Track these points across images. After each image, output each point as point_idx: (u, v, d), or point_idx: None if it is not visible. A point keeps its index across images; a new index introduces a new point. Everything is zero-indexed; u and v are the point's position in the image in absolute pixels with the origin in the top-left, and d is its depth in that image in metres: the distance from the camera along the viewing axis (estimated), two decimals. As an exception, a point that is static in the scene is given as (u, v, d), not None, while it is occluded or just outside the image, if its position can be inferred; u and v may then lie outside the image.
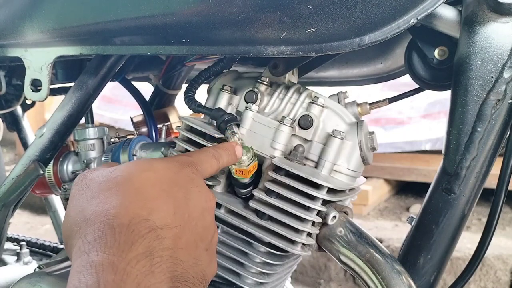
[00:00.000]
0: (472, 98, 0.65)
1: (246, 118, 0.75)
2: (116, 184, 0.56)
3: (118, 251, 0.49)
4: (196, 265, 0.56)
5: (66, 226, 0.56)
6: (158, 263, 0.51)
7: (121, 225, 0.51)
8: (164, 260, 0.51)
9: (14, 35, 0.79)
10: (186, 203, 0.58)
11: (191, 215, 0.58)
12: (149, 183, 0.57)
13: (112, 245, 0.50)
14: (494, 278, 2.23)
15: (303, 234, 0.73)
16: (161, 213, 0.54)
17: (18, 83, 1.25)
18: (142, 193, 0.55)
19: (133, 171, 0.58)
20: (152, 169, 0.59)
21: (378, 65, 1.05)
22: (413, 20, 0.59)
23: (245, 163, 0.70)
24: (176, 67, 1.21)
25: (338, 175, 0.74)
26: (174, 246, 0.54)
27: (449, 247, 0.73)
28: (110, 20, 0.70)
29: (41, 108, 3.80)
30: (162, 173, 0.59)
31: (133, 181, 0.56)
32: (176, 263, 0.53)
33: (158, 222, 0.53)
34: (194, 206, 0.59)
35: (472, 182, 0.69)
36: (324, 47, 0.61)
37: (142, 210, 0.53)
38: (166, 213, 0.55)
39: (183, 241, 0.55)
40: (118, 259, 0.49)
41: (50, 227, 1.91)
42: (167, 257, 0.52)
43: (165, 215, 0.55)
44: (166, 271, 0.51)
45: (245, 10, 0.62)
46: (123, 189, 0.55)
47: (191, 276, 0.54)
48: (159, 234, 0.53)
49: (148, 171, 0.58)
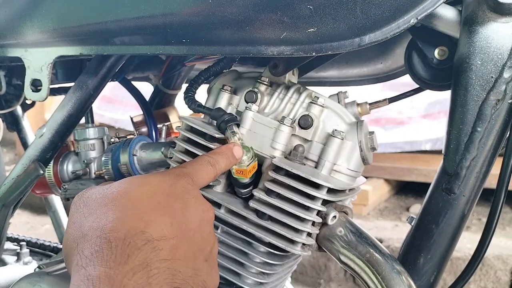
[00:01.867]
0: (472, 98, 0.65)
1: (246, 118, 0.75)
2: (112, 199, 0.57)
3: (114, 264, 0.50)
4: (196, 275, 0.56)
5: (65, 244, 0.57)
6: (156, 275, 0.51)
7: (117, 238, 0.52)
8: (162, 272, 0.52)
9: (14, 35, 0.79)
10: (183, 214, 0.58)
11: (189, 226, 0.58)
12: (145, 197, 0.57)
13: (109, 259, 0.50)
14: (494, 278, 2.23)
15: (303, 234, 0.73)
16: (157, 225, 0.55)
17: (18, 83, 1.25)
18: (138, 207, 0.56)
19: (129, 186, 0.59)
20: (147, 183, 0.59)
21: (378, 65, 1.05)
22: (413, 20, 0.59)
23: (245, 163, 0.71)
24: (176, 67, 1.21)
25: (338, 175, 0.74)
26: (171, 257, 0.54)
27: (449, 247, 0.73)
28: (110, 20, 0.70)
29: (41, 108, 3.80)
30: (158, 186, 0.59)
31: (129, 196, 0.57)
32: (175, 274, 0.53)
33: (155, 234, 0.54)
34: (192, 217, 0.59)
35: (472, 182, 0.69)
36: (324, 47, 0.61)
37: (138, 223, 0.54)
38: (163, 224, 0.55)
39: (181, 252, 0.55)
40: (114, 272, 0.49)
41: (50, 227, 1.91)
42: (164, 269, 0.52)
43: (162, 227, 0.55)
44: (163, 282, 0.51)
45: (245, 10, 0.62)
46: (119, 203, 0.56)
47: (191, 286, 0.54)
48: (156, 245, 0.53)
49: (143, 185, 0.59)
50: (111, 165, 0.93)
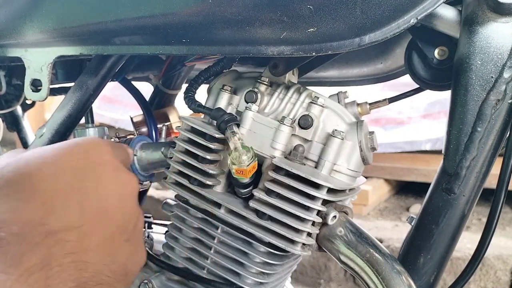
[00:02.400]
0: (472, 98, 0.65)
1: (246, 118, 0.75)
2: (7, 183, 0.47)
3: (5, 267, 0.42)
4: (113, 262, 0.50)
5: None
6: (57, 273, 0.44)
7: (10, 234, 0.43)
8: (65, 268, 0.45)
9: (14, 35, 0.79)
10: (96, 193, 0.50)
11: (104, 205, 0.50)
12: (48, 176, 0.48)
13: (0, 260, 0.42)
14: (494, 278, 2.23)
15: (303, 234, 0.73)
16: (62, 213, 0.47)
17: (18, 83, 1.25)
18: (37, 192, 0.47)
19: (28, 163, 0.49)
20: (51, 158, 0.50)
21: (378, 65, 1.05)
22: (413, 20, 0.59)
23: (245, 163, 0.70)
24: (176, 67, 1.21)
25: (338, 175, 0.74)
26: (79, 249, 0.47)
27: (449, 247, 0.73)
28: (110, 20, 0.70)
29: (41, 108, 3.79)
30: (64, 161, 0.50)
31: (28, 177, 0.47)
32: (83, 268, 0.47)
33: (58, 224, 0.46)
34: (108, 194, 0.51)
35: (472, 182, 0.69)
36: (324, 47, 0.61)
37: (36, 213, 0.45)
38: (69, 211, 0.47)
39: (93, 240, 0.48)
40: (4, 277, 0.41)
41: (50, 227, 1.91)
42: (68, 264, 0.45)
43: (68, 214, 0.47)
44: (68, 280, 0.45)
45: (245, 10, 0.62)
46: (14, 189, 0.46)
47: (106, 276, 0.48)
48: (60, 238, 0.45)
49: (47, 161, 0.49)
50: (111, 165, 0.93)
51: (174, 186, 0.80)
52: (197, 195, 0.78)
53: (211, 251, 0.80)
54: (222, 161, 0.78)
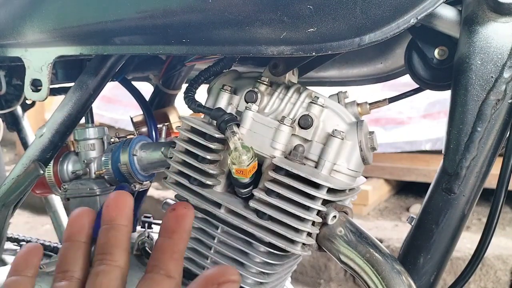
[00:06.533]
0: (472, 98, 0.65)
1: (246, 118, 0.75)
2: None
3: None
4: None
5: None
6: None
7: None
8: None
9: (14, 35, 0.79)
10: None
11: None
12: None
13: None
14: (494, 278, 2.23)
15: (303, 234, 0.73)
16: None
17: (18, 83, 1.25)
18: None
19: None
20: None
21: (378, 65, 1.05)
22: (413, 20, 0.59)
23: (245, 163, 0.70)
24: (176, 67, 1.21)
25: (338, 175, 0.74)
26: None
27: (449, 247, 0.73)
28: (110, 20, 0.70)
29: (41, 108, 3.80)
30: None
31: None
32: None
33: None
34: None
35: (472, 182, 0.69)
36: (324, 47, 0.61)
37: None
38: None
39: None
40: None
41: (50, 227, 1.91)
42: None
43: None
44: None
45: (245, 10, 0.62)
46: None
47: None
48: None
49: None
50: (111, 165, 0.93)
51: (174, 186, 0.80)
52: (197, 195, 0.78)
53: (211, 251, 0.80)
54: (222, 161, 0.78)
